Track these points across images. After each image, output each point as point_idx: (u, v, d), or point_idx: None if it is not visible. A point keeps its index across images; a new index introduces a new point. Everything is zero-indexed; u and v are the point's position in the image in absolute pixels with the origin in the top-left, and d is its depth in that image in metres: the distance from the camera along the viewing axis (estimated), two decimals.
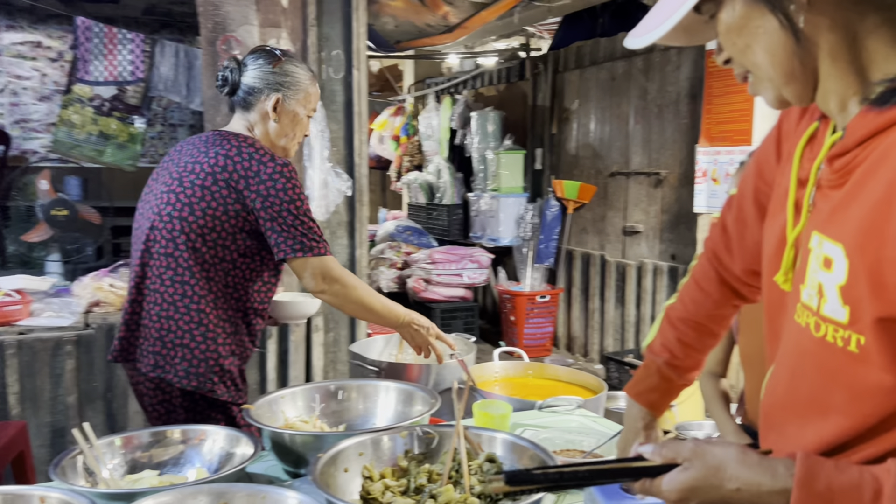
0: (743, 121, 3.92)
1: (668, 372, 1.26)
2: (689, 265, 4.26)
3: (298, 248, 1.77)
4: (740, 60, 0.85)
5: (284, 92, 1.85)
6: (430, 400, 1.64)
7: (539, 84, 5.98)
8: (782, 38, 0.79)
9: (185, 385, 1.77)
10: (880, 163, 0.74)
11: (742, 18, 0.81)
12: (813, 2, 0.77)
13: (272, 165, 1.76)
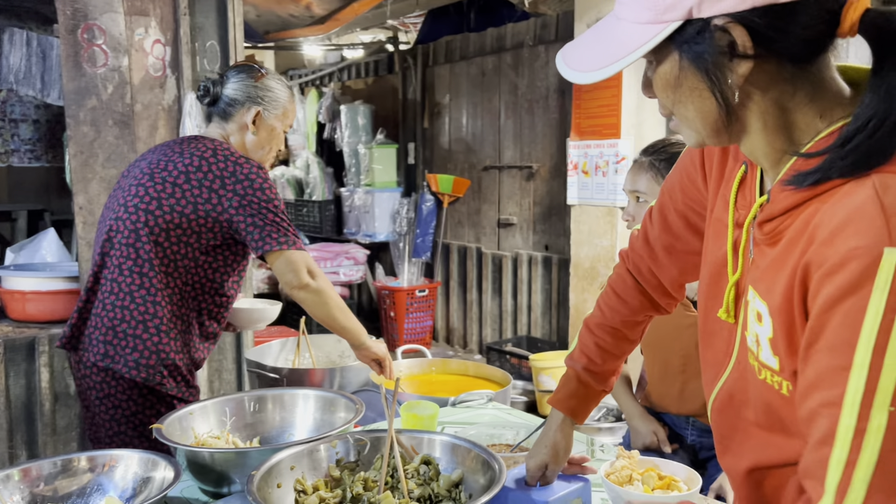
0: (611, 115, 4.12)
1: (587, 378, 1.29)
2: (562, 255, 4.38)
3: (283, 242, 1.80)
4: (670, 108, 0.87)
5: (264, 106, 1.92)
6: (354, 406, 1.59)
7: (409, 78, 5.98)
8: (714, 106, 0.82)
9: (135, 376, 1.77)
10: (798, 237, 0.79)
11: (679, 77, 0.82)
12: (749, 79, 0.79)
13: (248, 167, 1.81)
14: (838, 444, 0.69)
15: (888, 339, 0.67)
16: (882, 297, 0.67)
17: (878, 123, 0.73)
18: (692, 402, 1.87)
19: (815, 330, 0.73)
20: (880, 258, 0.68)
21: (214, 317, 1.94)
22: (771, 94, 0.81)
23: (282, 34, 5.04)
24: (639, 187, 1.80)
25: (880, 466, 0.66)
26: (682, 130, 0.88)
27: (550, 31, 4.75)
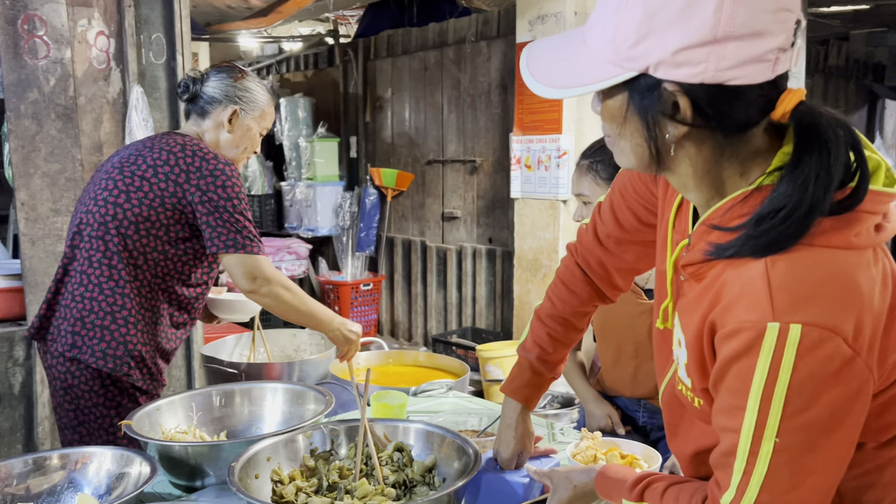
0: (552, 111, 4.22)
1: (539, 367, 1.37)
2: (506, 247, 4.46)
3: (231, 245, 1.79)
4: (610, 136, 0.93)
5: (242, 106, 1.93)
6: (324, 398, 1.62)
7: (350, 71, 5.96)
8: (647, 152, 0.89)
9: (101, 366, 1.77)
10: (709, 288, 0.89)
11: (620, 116, 0.88)
12: (683, 139, 0.86)
13: (214, 163, 1.81)
14: (738, 458, 0.84)
15: (772, 391, 0.80)
16: (766, 361, 0.80)
17: (788, 213, 0.81)
18: (644, 385, 1.97)
19: (717, 375, 0.87)
20: (765, 331, 0.80)
21: (185, 307, 1.94)
22: (702, 154, 0.88)
23: (224, 26, 4.96)
24: (582, 190, 1.89)
25: (767, 478, 0.83)
26: (615, 155, 0.95)
27: (492, 27, 4.82)
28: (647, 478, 1.03)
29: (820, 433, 0.81)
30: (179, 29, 2.89)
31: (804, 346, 0.78)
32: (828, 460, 0.83)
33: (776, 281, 0.81)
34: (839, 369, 0.79)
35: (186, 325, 1.97)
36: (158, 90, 2.90)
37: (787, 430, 0.81)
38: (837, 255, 0.82)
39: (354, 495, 1.34)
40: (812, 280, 0.81)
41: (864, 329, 0.80)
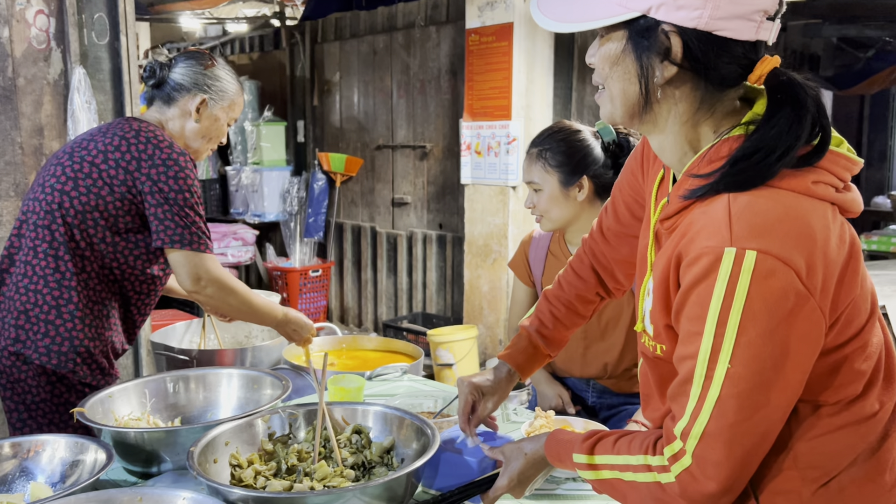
0: (502, 97, 4.25)
1: (536, 339, 1.43)
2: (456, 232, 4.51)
3: (178, 240, 1.71)
4: (602, 80, 1.01)
5: (211, 95, 1.86)
6: (281, 383, 1.62)
7: (297, 54, 5.89)
8: (636, 92, 0.97)
9: (45, 363, 1.71)
10: (680, 230, 0.96)
11: (615, 56, 0.97)
12: (671, 83, 0.95)
13: (168, 151, 1.72)
14: (694, 384, 0.91)
15: (727, 316, 0.86)
16: (723, 285, 0.86)
17: (763, 155, 0.89)
18: (593, 366, 2.03)
19: (679, 304, 0.93)
20: (722, 255, 0.86)
21: (137, 304, 1.87)
22: (683, 104, 0.97)
23: (167, 6, 4.84)
24: (533, 178, 1.92)
25: (719, 403, 0.89)
26: (602, 104, 1.02)
27: (441, 11, 4.82)
28: (597, 433, 1.08)
29: (770, 368, 0.87)
30: (123, 9, 2.81)
31: (758, 273, 0.85)
32: (774, 398, 0.88)
33: (736, 212, 0.88)
34: (793, 306, 0.85)
35: (137, 321, 1.91)
36: (102, 71, 2.82)
37: (739, 358, 0.86)
38: (796, 198, 0.89)
39: (314, 477, 1.35)
40: (770, 215, 0.87)
41: (816, 270, 0.86)
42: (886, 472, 0.98)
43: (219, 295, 1.78)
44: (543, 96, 4.30)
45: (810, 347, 0.89)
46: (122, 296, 1.85)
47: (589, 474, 1.06)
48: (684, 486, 0.93)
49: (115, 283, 1.82)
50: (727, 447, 0.89)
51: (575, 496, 1.40)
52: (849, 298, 0.92)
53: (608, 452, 1.03)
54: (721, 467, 0.90)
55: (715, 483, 0.91)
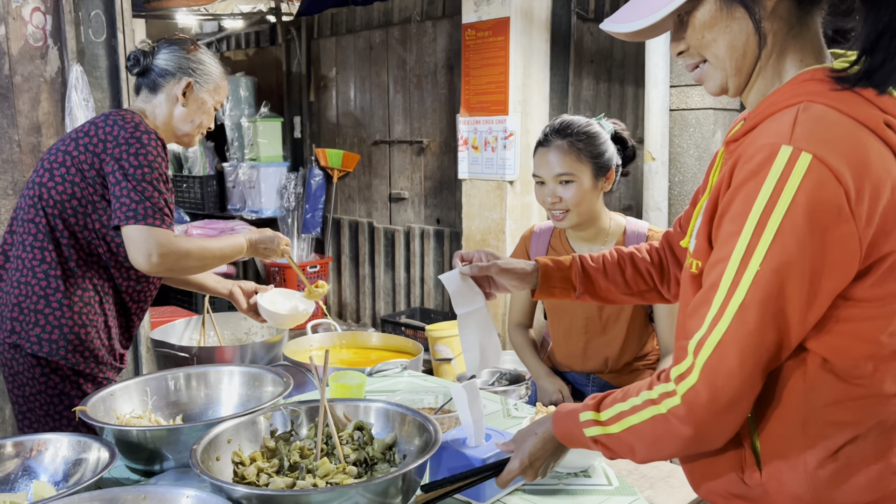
0: (499, 92, 4.25)
1: (576, 263, 1.43)
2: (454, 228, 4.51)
3: (132, 216, 1.70)
4: (701, 52, 1.02)
5: (196, 78, 1.88)
6: (282, 379, 1.63)
7: (293, 50, 5.87)
8: (748, 35, 0.98)
9: (36, 351, 1.74)
10: (745, 145, 0.97)
11: (714, 17, 0.99)
12: (773, 12, 0.97)
13: (132, 130, 1.73)
14: (720, 289, 0.91)
15: (769, 216, 0.88)
16: (773, 181, 0.88)
17: (890, 37, 0.91)
18: (593, 360, 2.04)
19: (726, 203, 0.94)
20: (778, 151, 0.88)
21: (128, 292, 1.89)
22: (781, 32, 0.99)
23: (164, 3, 4.82)
24: (566, 169, 1.89)
25: (741, 308, 0.90)
26: (709, 79, 1.04)
27: (437, 7, 4.81)
28: (596, 396, 1.09)
29: (797, 278, 0.88)
30: (120, 5, 2.80)
31: (809, 177, 0.86)
32: (794, 313, 0.89)
33: (803, 119, 0.90)
34: (834, 222, 0.86)
35: (132, 309, 1.92)
36: (99, 69, 2.82)
37: (770, 262, 0.87)
38: (863, 130, 0.91)
39: (316, 474, 1.36)
40: (835, 130, 0.89)
41: (863, 198, 0.87)
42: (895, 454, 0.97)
43: (174, 264, 1.73)
44: (540, 91, 4.29)
45: (840, 271, 0.89)
46: (111, 283, 1.87)
47: (597, 430, 1.05)
48: (690, 405, 0.93)
49: (104, 269, 1.84)
50: (740, 357, 0.90)
51: (575, 492, 1.40)
52: (888, 250, 0.91)
53: (612, 405, 1.04)
54: (732, 378, 0.90)
55: (723, 396, 0.90)
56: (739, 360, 0.90)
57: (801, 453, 0.97)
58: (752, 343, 0.89)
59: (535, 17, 4.17)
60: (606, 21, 1.05)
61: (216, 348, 2.25)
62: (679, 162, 3.64)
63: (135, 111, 1.87)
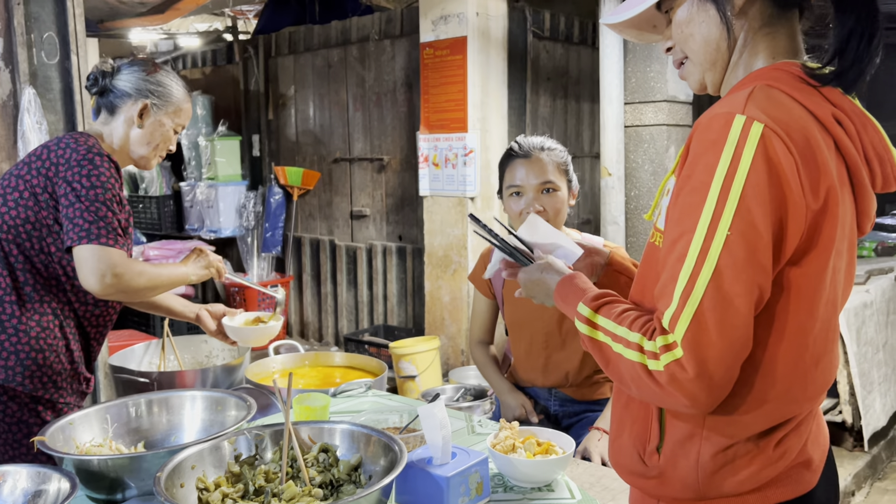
0: (458, 110, 4.29)
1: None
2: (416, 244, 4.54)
3: (84, 235, 1.68)
4: (682, 47, 1.09)
5: (153, 100, 1.86)
6: (245, 403, 1.62)
7: (250, 68, 5.85)
8: (720, 30, 1.05)
9: None
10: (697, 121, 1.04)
11: (690, 13, 1.07)
12: (742, 10, 1.04)
13: (83, 152, 1.72)
14: (688, 260, 0.93)
15: (732, 181, 0.92)
16: (731, 149, 0.92)
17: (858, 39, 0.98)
18: (554, 374, 2.07)
19: (685, 177, 0.98)
20: (732, 120, 0.93)
21: (86, 316, 1.87)
22: (752, 27, 1.05)
23: (117, 23, 4.77)
24: (551, 178, 1.95)
25: (717, 273, 0.92)
26: (689, 74, 1.11)
27: (395, 25, 4.85)
28: (608, 295, 1.11)
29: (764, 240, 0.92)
30: (73, 27, 2.77)
31: (764, 144, 0.92)
32: (764, 277, 0.93)
33: (756, 95, 0.97)
34: (789, 186, 0.92)
35: (91, 334, 1.90)
36: (52, 91, 2.78)
37: (738, 226, 0.91)
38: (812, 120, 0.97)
39: (282, 498, 1.35)
40: (785, 107, 0.97)
41: (808, 175, 0.94)
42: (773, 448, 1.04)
43: (127, 284, 1.72)
44: (498, 109, 4.35)
45: (795, 234, 0.95)
46: (70, 307, 1.84)
47: (585, 328, 1.09)
48: (672, 376, 0.94)
49: (62, 292, 1.82)
50: (720, 325, 0.92)
51: None
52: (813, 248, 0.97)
53: (610, 318, 1.05)
54: (715, 347, 0.92)
55: (710, 367, 0.92)
56: (720, 328, 0.92)
57: (698, 444, 1.03)
58: (731, 308, 0.92)
59: (491, 35, 4.23)
60: (604, 15, 1.15)
61: (177, 373, 2.22)
62: (635, 177, 3.72)
63: (91, 134, 1.85)
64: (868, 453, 3.45)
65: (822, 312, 1.03)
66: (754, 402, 1.02)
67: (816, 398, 1.08)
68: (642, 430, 1.10)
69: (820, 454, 1.10)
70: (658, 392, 0.97)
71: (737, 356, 0.95)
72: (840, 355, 3.39)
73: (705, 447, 1.03)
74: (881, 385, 3.61)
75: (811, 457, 1.07)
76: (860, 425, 3.40)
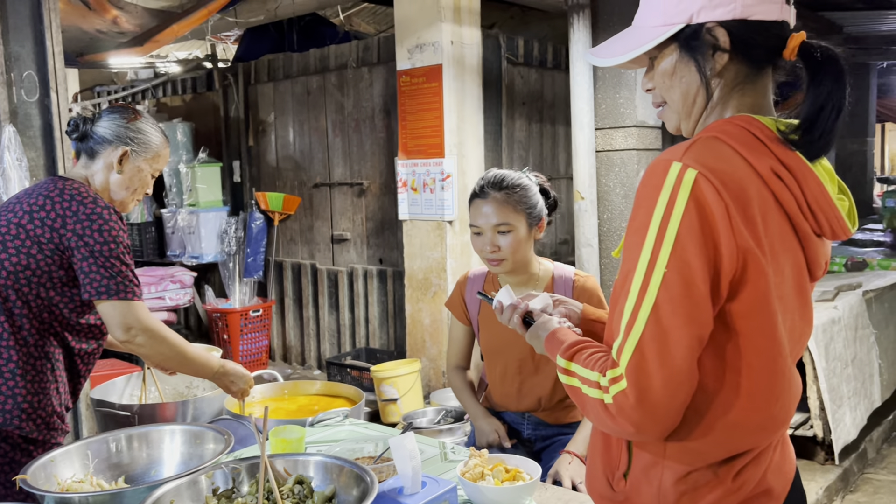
0: (435, 136, 4.37)
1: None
2: (396, 267, 4.58)
3: (104, 291, 1.76)
4: (662, 94, 1.18)
5: (133, 147, 1.91)
6: (223, 437, 1.67)
7: (230, 95, 5.92)
8: (698, 87, 1.13)
9: None
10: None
11: (673, 67, 1.14)
12: (721, 71, 1.12)
13: (92, 206, 1.79)
14: (631, 294, 1.02)
15: (668, 223, 1.00)
16: (667, 193, 1.01)
17: (828, 112, 1.06)
18: (528, 399, 2.13)
19: (630, 219, 1.07)
20: (669, 167, 1.02)
21: (80, 355, 1.91)
22: (726, 90, 1.14)
23: (97, 56, 4.82)
24: (505, 220, 2.00)
25: (654, 309, 1.00)
26: (667, 119, 1.19)
27: (373, 53, 4.94)
28: (583, 342, 1.19)
29: (700, 277, 0.99)
30: (52, 66, 2.83)
31: (697, 189, 1.00)
32: (704, 311, 1.01)
33: (698, 145, 1.06)
34: (720, 227, 1.00)
35: (81, 371, 1.94)
36: (32, 128, 2.83)
37: (674, 264, 0.99)
38: (751, 172, 1.05)
39: None
40: (723, 157, 1.04)
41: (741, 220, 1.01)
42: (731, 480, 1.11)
43: (150, 343, 1.83)
44: (475, 134, 4.44)
45: (728, 267, 1.02)
46: (64, 347, 1.88)
47: (564, 378, 1.16)
48: (620, 406, 1.02)
49: (56, 336, 1.86)
50: (660, 355, 1.00)
51: None
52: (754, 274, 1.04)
53: (580, 363, 1.13)
54: (655, 376, 1.00)
55: (651, 395, 1.00)
56: (660, 359, 0.99)
57: (660, 471, 1.10)
58: (670, 340, 1.00)
59: (466, 63, 4.32)
60: (588, 53, 1.22)
61: (158, 405, 2.26)
62: (607, 200, 3.81)
63: (81, 181, 1.90)
64: (839, 466, 3.53)
65: (773, 352, 1.09)
66: (708, 431, 1.08)
67: (775, 431, 1.15)
68: (612, 456, 1.17)
69: (783, 483, 1.16)
70: (611, 423, 1.05)
71: (679, 385, 1.01)
72: (809, 371, 3.48)
73: (667, 475, 1.10)
74: (851, 399, 3.70)
75: (771, 486, 1.13)
76: (830, 439, 3.48)
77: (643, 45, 1.14)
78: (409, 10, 4.21)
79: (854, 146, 8.42)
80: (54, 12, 2.81)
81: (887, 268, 5.10)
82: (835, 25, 6.76)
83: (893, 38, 7.35)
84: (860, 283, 4.35)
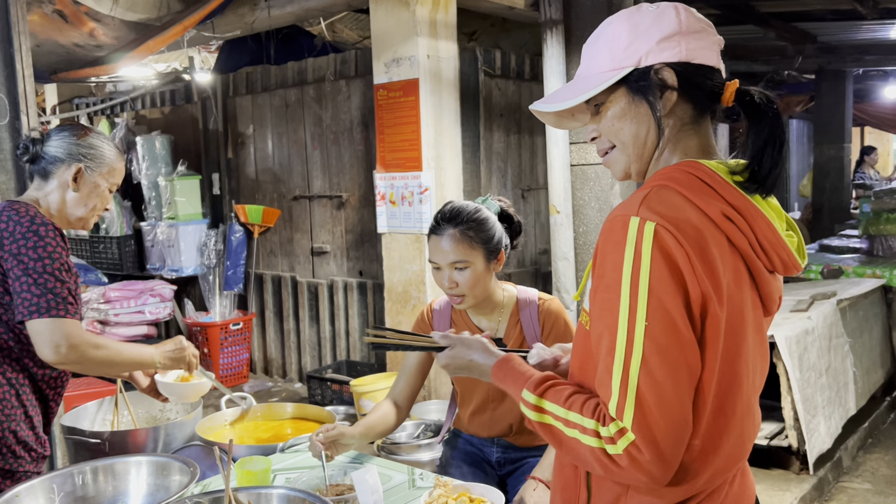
0: (412, 149, 4.39)
1: None
2: (376, 279, 4.56)
3: (34, 310, 1.72)
4: (611, 139, 1.19)
5: (86, 163, 1.89)
6: (189, 469, 1.67)
7: (209, 108, 5.90)
8: (649, 127, 1.16)
9: None
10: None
11: (624, 109, 1.17)
12: (671, 110, 1.16)
13: (27, 224, 1.76)
14: (617, 353, 1.04)
15: (639, 276, 1.03)
16: (631, 248, 1.04)
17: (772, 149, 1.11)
18: (498, 426, 2.14)
19: (598, 276, 1.10)
20: (629, 222, 1.05)
21: (44, 380, 1.90)
22: (674, 130, 1.17)
23: (71, 74, 4.79)
24: (461, 257, 1.95)
25: (644, 363, 1.03)
26: (614, 163, 1.21)
27: (350, 66, 4.95)
28: (551, 379, 1.19)
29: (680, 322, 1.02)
30: (23, 88, 2.81)
31: (658, 239, 1.03)
32: (688, 355, 1.03)
33: (652, 196, 1.08)
34: (686, 279, 1.03)
35: (49, 395, 1.92)
36: (3, 151, 2.81)
37: (654, 315, 1.02)
38: (703, 218, 1.08)
39: None
40: (678, 208, 1.07)
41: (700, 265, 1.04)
42: None
43: (81, 358, 1.76)
44: (452, 147, 4.46)
45: (695, 310, 1.05)
46: (26, 373, 1.86)
47: (533, 414, 1.16)
48: (632, 457, 1.03)
49: (15, 360, 1.84)
50: (660, 405, 1.01)
51: None
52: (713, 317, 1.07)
53: (558, 403, 1.13)
54: (660, 426, 1.02)
55: (662, 445, 1.02)
56: (660, 408, 1.02)
57: None
58: (665, 389, 1.02)
59: (443, 76, 4.34)
60: (535, 103, 1.23)
61: (129, 432, 2.25)
62: (582, 214, 3.83)
63: (28, 202, 1.88)
64: (814, 476, 3.56)
65: (732, 392, 1.12)
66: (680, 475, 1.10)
67: (730, 469, 1.16)
68: (572, 493, 1.20)
69: None
70: (619, 472, 1.06)
71: (681, 429, 1.05)
72: (783, 382, 3.51)
73: None
74: (825, 409, 3.74)
75: None
76: (805, 449, 3.52)
77: (594, 88, 1.16)
78: (385, 25, 4.23)
79: (831, 152, 8.54)
80: (24, 35, 2.80)
81: (862, 275, 5.15)
82: (808, 35, 6.85)
83: (866, 47, 7.46)
84: (835, 291, 4.39)
